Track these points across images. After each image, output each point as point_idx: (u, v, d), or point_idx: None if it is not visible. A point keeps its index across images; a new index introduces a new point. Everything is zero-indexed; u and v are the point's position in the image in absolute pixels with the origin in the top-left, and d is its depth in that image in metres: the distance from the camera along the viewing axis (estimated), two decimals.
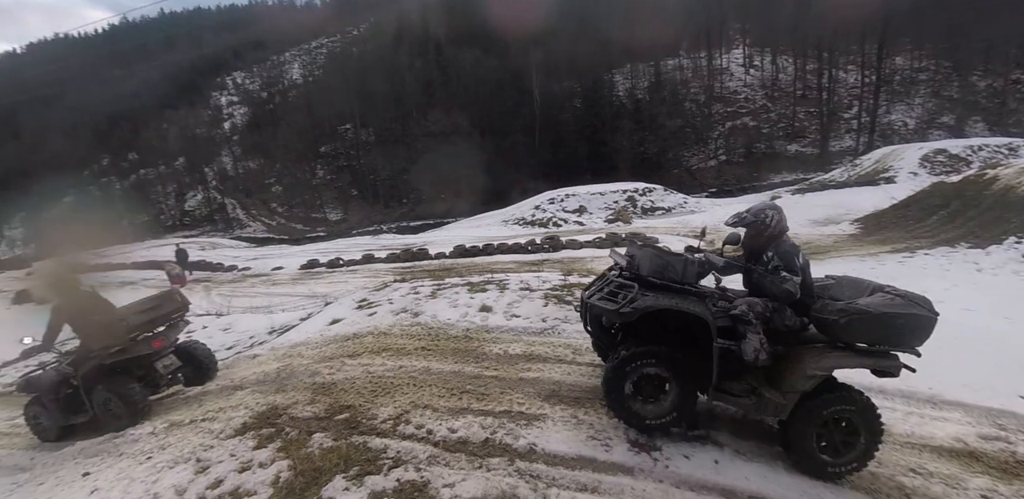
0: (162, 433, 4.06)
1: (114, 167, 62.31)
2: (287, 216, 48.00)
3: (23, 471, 4.52)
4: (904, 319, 2.79)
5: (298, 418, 3.74)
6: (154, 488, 3.21)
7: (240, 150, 58.99)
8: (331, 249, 19.22)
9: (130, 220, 52.65)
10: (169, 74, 76.23)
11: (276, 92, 67.78)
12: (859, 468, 2.99)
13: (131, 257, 25.23)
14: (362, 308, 6.53)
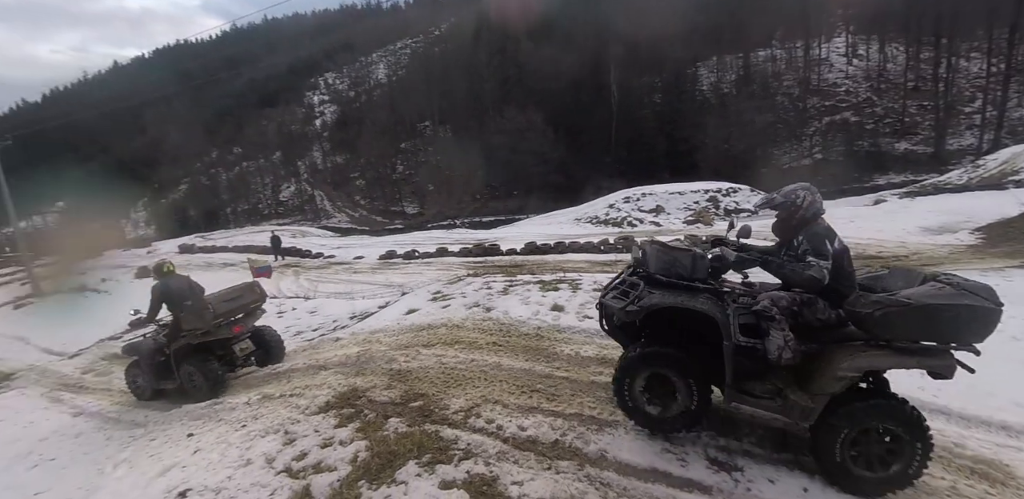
0: (256, 404, 4.43)
1: (221, 160, 68.68)
2: (368, 208, 50.67)
3: (138, 426, 5.13)
4: (953, 311, 2.41)
5: (376, 401, 3.92)
6: (247, 454, 3.50)
7: (329, 146, 63.01)
8: (407, 241, 19.98)
9: (233, 208, 58.05)
10: (270, 75, 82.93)
11: (363, 91, 71.50)
12: (900, 487, 2.67)
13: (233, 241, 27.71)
14: (436, 300, 6.74)
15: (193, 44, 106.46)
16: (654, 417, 3.15)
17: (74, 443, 5.34)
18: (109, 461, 4.21)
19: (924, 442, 2.60)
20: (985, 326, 2.44)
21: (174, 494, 3.20)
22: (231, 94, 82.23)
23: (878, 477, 2.67)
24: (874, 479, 2.68)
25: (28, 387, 7.68)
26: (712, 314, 2.87)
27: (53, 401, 6.74)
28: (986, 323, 2.43)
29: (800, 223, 2.93)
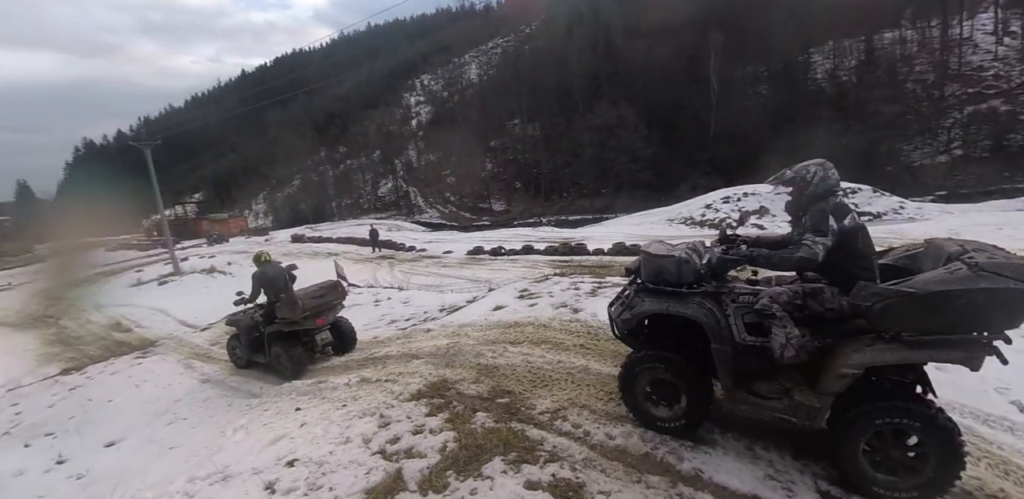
0: (355, 386, 4.74)
1: (328, 158, 74.59)
2: (458, 205, 52.45)
3: (254, 397, 5.69)
4: (967, 297, 2.13)
5: (464, 394, 4.02)
6: (347, 433, 3.74)
7: (423, 144, 66.05)
8: (494, 238, 20.39)
9: (338, 202, 62.88)
10: (372, 79, 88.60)
11: (455, 91, 74.02)
12: (929, 495, 2.41)
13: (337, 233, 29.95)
14: (523, 298, 6.79)
15: (306, 52, 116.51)
16: (658, 417, 3.19)
17: (202, 406, 6.04)
18: (230, 425, 4.70)
19: (950, 447, 2.34)
20: (1015, 310, 2.14)
21: (283, 462, 3.49)
22: (338, 97, 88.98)
23: (903, 484, 2.45)
24: (899, 485, 2.46)
25: (167, 354, 8.82)
26: (696, 317, 2.88)
27: (187, 367, 7.69)
28: (1017, 307, 2.13)
29: (810, 200, 2.77)
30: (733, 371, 2.85)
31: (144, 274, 23.69)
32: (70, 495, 4.31)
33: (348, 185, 64.54)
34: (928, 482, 2.41)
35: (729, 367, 2.84)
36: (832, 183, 2.78)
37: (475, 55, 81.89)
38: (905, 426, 2.42)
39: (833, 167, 2.83)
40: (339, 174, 67.56)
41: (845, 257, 2.65)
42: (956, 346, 2.28)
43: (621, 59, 45.37)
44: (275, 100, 76.55)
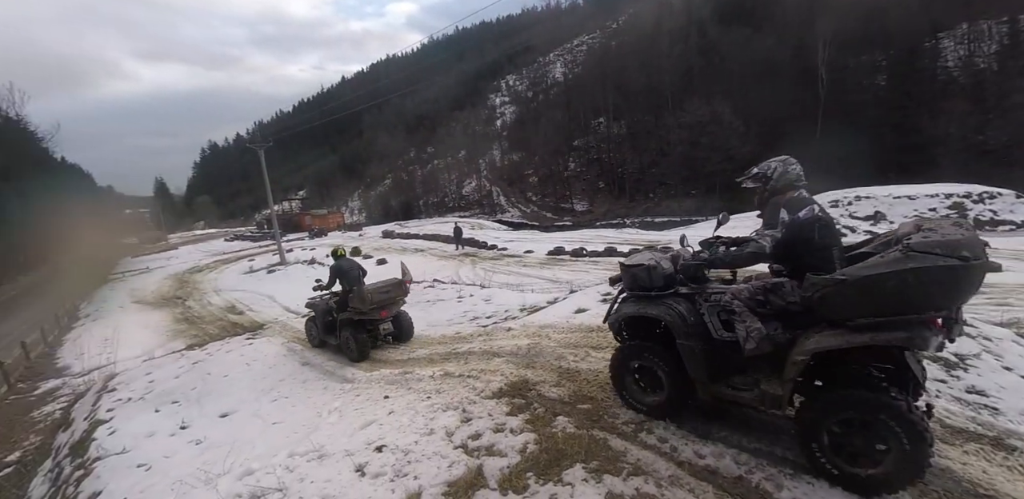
0: (439, 379, 4.90)
1: (417, 158, 78.09)
2: (539, 204, 52.63)
3: (347, 382, 6.05)
4: (898, 278, 2.19)
5: (545, 397, 4.00)
6: (431, 424, 3.87)
7: (507, 144, 67.01)
8: (575, 238, 20.22)
9: (425, 200, 65.64)
10: (459, 81, 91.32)
11: (540, 91, 74.25)
12: (894, 486, 2.46)
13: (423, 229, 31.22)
14: (607, 302, 6.63)
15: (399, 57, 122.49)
16: (647, 403, 3.51)
17: (301, 387, 6.55)
18: (325, 407, 5.05)
19: (914, 442, 2.33)
20: (950, 287, 2.18)
21: (372, 447, 3.68)
22: (427, 100, 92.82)
23: (865, 474, 2.49)
24: (861, 476, 2.50)
25: (273, 336, 9.69)
26: (661, 317, 3.17)
27: (289, 350, 8.39)
28: (950, 284, 2.16)
29: (770, 195, 2.91)
30: (708, 366, 3.04)
31: (255, 263, 26.29)
32: (190, 458, 4.79)
33: (435, 184, 67.12)
34: (888, 474, 2.43)
35: (701, 362, 3.03)
36: (791, 178, 2.91)
37: (560, 54, 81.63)
38: (867, 417, 2.44)
39: (795, 163, 2.97)
40: (426, 173, 70.45)
41: (802, 249, 2.73)
42: (897, 327, 2.30)
43: (716, 52, 42.89)
44: (370, 104, 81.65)
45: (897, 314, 2.28)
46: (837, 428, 2.55)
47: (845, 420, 2.52)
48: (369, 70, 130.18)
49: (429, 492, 2.96)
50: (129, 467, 4.65)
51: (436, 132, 77.50)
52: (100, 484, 4.42)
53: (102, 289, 26.19)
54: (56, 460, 6.21)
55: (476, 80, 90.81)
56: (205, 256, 37.15)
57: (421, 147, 79.67)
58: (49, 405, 10.16)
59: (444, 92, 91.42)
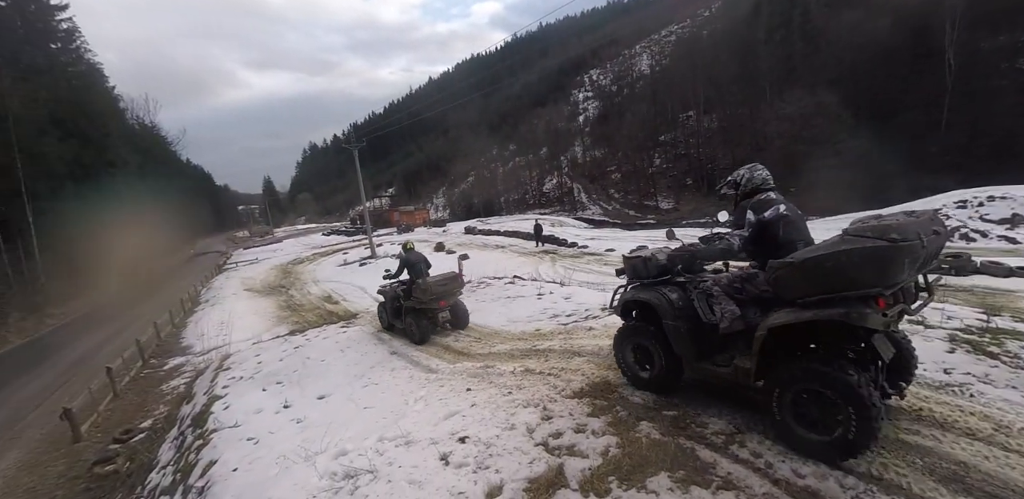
0: (519, 375, 4.94)
1: (499, 156, 79.38)
2: (622, 202, 51.39)
3: (432, 372, 6.29)
4: (834, 259, 2.50)
5: (628, 400, 3.90)
6: (512, 419, 3.91)
7: (589, 140, 66.09)
8: (659, 237, 19.51)
9: (506, 197, 66.63)
10: (542, 77, 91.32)
11: (624, 85, 72.32)
12: (853, 448, 2.69)
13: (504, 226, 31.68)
14: None
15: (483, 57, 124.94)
16: (643, 378, 3.95)
17: (390, 375, 6.91)
18: (411, 395, 5.29)
19: (861, 412, 2.58)
20: (880, 266, 2.42)
21: (456, 438, 3.80)
22: (510, 97, 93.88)
23: (821, 440, 2.77)
24: (817, 442, 2.78)
25: (365, 326, 10.32)
26: (649, 301, 3.62)
27: (379, 340, 8.90)
28: (880, 263, 2.41)
29: (741, 198, 3.26)
30: (693, 345, 3.44)
31: (349, 256, 28.20)
32: (292, 435, 5.20)
33: (515, 181, 67.86)
34: (842, 440, 2.68)
35: (687, 341, 3.44)
36: (757, 182, 3.25)
37: (646, 45, 78.92)
38: (818, 388, 2.71)
39: (762, 168, 3.33)
40: (508, 171, 71.40)
41: (769, 244, 3.06)
42: (836, 304, 2.59)
43: (822, 37, 39.14)
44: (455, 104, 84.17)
45: (837, 292, 2.56)
46: (797, 397, 2.84)
47: (802, 390, 2.80)
48: (454, 70, 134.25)
49: (510, 487, 3.00)
50: (240, 440, 5.16)
51: (518, 129, 78.28)
52: (216, 453, 4.95)
53: (219, 277, 29.41)
54: (180, 429, 7.05)
55: (559, 76, 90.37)
56: (305, 249, 40.45)
57: (503, 145, 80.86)
58: (175, 380, 11.61)
59: (526, 89, 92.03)
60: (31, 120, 25.15)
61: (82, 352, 15.44)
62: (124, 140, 40.00)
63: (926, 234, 2.52)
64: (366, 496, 3.23)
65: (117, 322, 19.80)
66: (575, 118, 74.97)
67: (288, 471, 3.87)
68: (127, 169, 38.03)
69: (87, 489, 7.13)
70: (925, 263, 2.69)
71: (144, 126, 51.43)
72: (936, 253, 2.81)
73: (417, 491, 3.15)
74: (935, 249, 2.73)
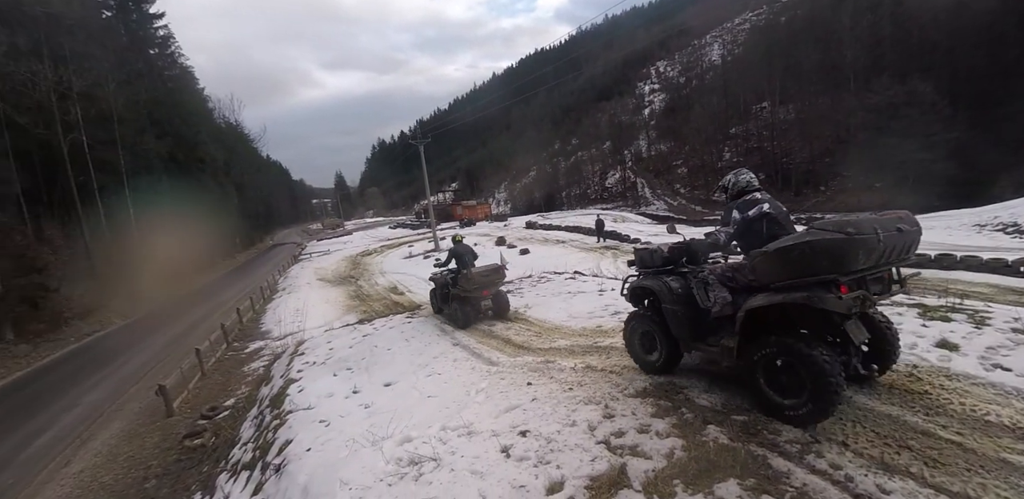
0: (580, 371, 4.92)
1: (561, 150, 78.84)
2: (688, 197, 49.57)
3: (493, 365, 6.38)
4: (797, 250, 2.91)
5: (694, 402, 3.78)
6: (573, 416, 3.91)
7: (655, 134, 64.13)
8: None
9: (567, 192, 66.19)
10: (607, 70, 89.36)
11: (693, 76, 69.42)
12: (815, 414, 3.06)
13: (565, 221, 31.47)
14: None
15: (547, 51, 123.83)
16: (651, 362, 4.36)
17: (452, 365, 7.08)
18: (473, 387, 5.40)
19: (821, 380, 2.97)
20: (835, 256, 2.81)
21: (517, 431, 3.84)
22: (574, 91, 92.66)
23: (788, 404, 3.18)
24: (785, 406, 3.19)
25: (428, 317, 10.64)
26: (650, 287, 4.08)
27: (442, 331, 9.15)
28: (838, 253, 2.80)
29: (729, 199, 3.71)
30: (689, 327, 3.86)
31: (414, 249, 29.14)
32: (360, 419, 5.43)
33: (578, 175, 67.20)
34: (807, 405, 3.05)
35: (684, 323, 3.87)
36: (742, 185, 3.64)
37: (718, 34, 75.14)
38: (787, 359, 3.11)
39: (746, 172, 3.73)
40: (570, 165, 70.80)
41: (754, 240, 3.39)
42: (800, 288, 2.99)
43: (915, 20, 35.56)
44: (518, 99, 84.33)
45: (802, 277, 2.98)
46: (770, 366, 3.25)
47: (775, 361, 3.20)
48: (518, 65, 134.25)
49: (572, 484, 3.01)
50: (313, 422, 5.48)
51: (581, 123, 77.31)
52: (292, 433, 5.29)
53: (295, 267, 31.33)
54: (259, 409, 7.59)
55: (624, 68, 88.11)
56: (373, 241, 42.23)
57: (566, 139, 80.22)
58: (255, 362, 12.52)
59: (590, 82, 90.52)
60: (132, 120, 27.90)
61: (174, 334, 17.03)
62: (212, 138, 43.42)
63: (885, 230, 2.90)
64: (430, 483, 3.34)
65: (204, 307, 21.66)
66: (640, 111, 72.91)
67: (357, 454, 4.04)
68: (215, 165, 41.27)
69: (178, 460, 7.87)
70: (891, 256, 3.06)
71: (229, 124, 55.59)
72: (904, 248, 3.12)
73: (479, 481, 3.23)
74: (900, 244, 3.05)
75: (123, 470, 7.98)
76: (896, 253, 3.06)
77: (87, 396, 11.54)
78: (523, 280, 13.27)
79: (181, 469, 7.53)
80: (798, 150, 41.24)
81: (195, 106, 41.86)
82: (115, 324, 20.11)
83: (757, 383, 3.34)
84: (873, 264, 2.97)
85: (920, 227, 3.22)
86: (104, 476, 7.85)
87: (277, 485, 4.29)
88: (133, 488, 7.29)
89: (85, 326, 18.57)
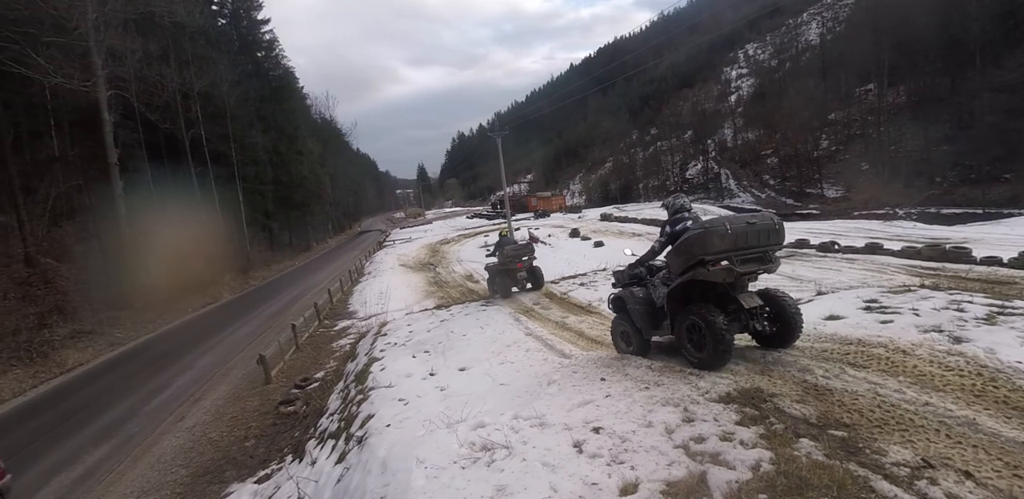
0: (656, 370, 4.73)
1: (639, 140, 76.27)
2: (777, 189, 46.15)
3: (565, 357, 6.35)
4: (682, 243, 4.36)
5: (785, 413, 3.51)
6: (649, 416, 3.75)
7: (742, 122, 60.15)
8: (824, 230, 17.17)
9: (645, 183, 64.09)
10: (690, 56, 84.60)
11: (787, 58, 64.11)
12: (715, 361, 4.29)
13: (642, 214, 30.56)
14: (871, 311, 5.43)
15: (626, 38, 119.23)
16: (628, 351, 5.46)
17: (524, 355, 7.15)
18: (545, 378, 5.38)
19: (713, 340, 4.17)
20: (701, 243, 4.13)
21: (590, 427, 3.77)
22: (654, 79, 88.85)
23: (697, 356, 4.42)
24: (696, 357, 4.43)
25: (503, 306, 10.81)
26: (621, 296, 5.43)
27: (515, 320, 9.27)
28: (700, 242, 4.14)
29: (668, 217, 4.92)
30: (648, 321, 5.01)
31: (489, 239, 29.61)
32: (436, 401, 5.64)
33: (656, 166, 64.81)
34: (707, 357, 4.31)
35: (644, 318, 5.02)
36: (676, 207, 4.91)
37: (816, 12, 68.58)
38: (695, 323, 4.34)
39: (683, 197, 5.09)
40: (648, 156, 68.42)
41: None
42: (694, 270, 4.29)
43: None
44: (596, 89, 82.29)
45: (689, 262, 4.25)
46: (687, 329, 4.44)
47: (690, 325, 4.39)
48: (596, 55, 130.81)
49: (647, 487, 2.90)
50: (393, 399, 5.75)
51: (660, 113, 74.13)
52: (373, 409, 5.59)
53: (379, 252, 33.03)
54: (345, 383, 8.10)
55: (709, 53, 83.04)
56: (451, 230, 43.51)
57: (644, 129, 77.47)
58: (342, 339, 13.39)
59: (672, 69, 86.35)
60: (242, 117, 30.75)
61: (274, 309, 18.66)
62: (309, 132, 46.79)
63: (734, 224, 4.08)
64: (501, 470, 3.37)
65: (301, 285, 23.54)
66: (726, 98, 68.61)
67: (432, 434, 4.16)
68: (311, 157, 44.49)
69: (273, 424, 8.64)
70: (748, 241, 4.12)
71: (324, 120, 59.62)
72: (761, 236, 4.17)
73: (550, 474, 3.21)
74: (754, 233, 4.12)
75: (227, 428, 8.91)
76: (753, 239, 4.14)
77: (200, 360, 13.01)
78: (597, 273, 13.07)
79: (276, 432, 8.27)
80: (910, 137, 36.83)
81: (295, 103, 45.22)
82: (225, 298, 22.42)
83: (684, 344, 4.51)
84: (731, 247, 4.06)
85: (775, 222, 4.27)
86: (211, 432, 8.82)
87: (359, 456, 4.55)
88: (235, 446, 8.13)
89: (200, 298, 20.86)
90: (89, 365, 13.31)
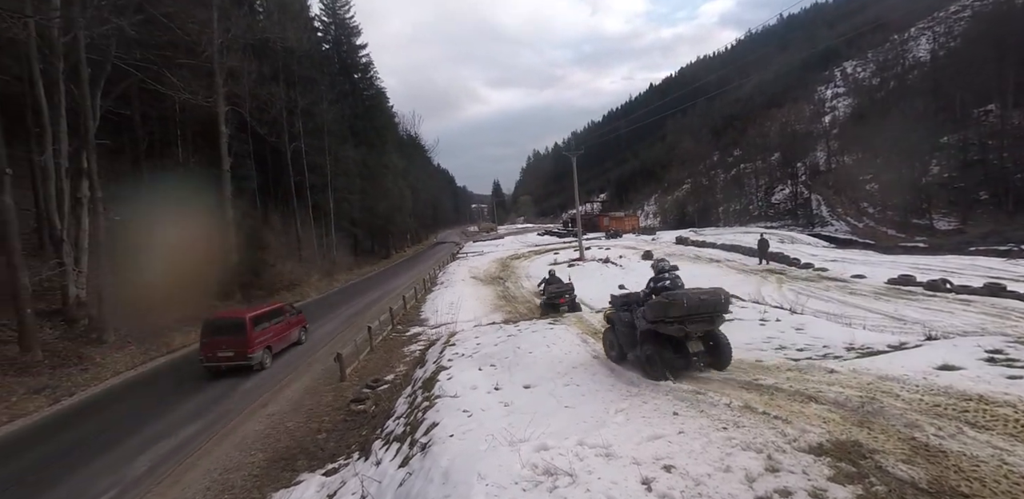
0: (736, 410, 4.42)
1: (721, 162, 73.30)
2: (878, 218, 42.26)
3: (633, 386, 6.06)
4: (654, 305, 5.77)
5: (889, 473, 3.12)
6: (727, 461, 3.47)
7: (837, 144, 56.11)
8: (933, 266, 15.41)
9: (725, 207, 61.31)
10: (779, 75, 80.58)
11: (891, 76, 59.19)
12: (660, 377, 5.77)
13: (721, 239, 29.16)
14: (995, 363, 4.75)
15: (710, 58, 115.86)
16: (612, 356, 7.13)
17: (591, 379, 6.90)
18: (613, 405, 5.17)
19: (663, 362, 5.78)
20: (664, 309, 5.62)
21: (660, 464, 3.55)
22: (739, 99, 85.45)
23: (651, 372, 5.90)
24: (650, 372, 5.91)
25: (570, 326, 10.60)
26: (611, 317, 7.00)
27: (583, 341, 9.04)
28: (663, 308, 5.62)
29: (654, 274, 6.36)
30: (630, 340, 6.55)
31: (559, 257, 29.58)
32: (499, 416, 5.55)
33: (738, 190, 61.84)
34: (654, 375, 5.81)
35: (627, 338, 6.58)
36: (658, 269, 6.34)
37: (926, 26, 63.00)
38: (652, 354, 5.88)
39: (665, 261, 6.64)
40: (729, 178, 65.52)
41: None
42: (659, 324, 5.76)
43: None
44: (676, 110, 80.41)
45: (657, 318, 5.72)
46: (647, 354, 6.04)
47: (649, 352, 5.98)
48: (678, 75, 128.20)
49: None
50: (457, 410, 5.77)
51: (746, 133, 70.91)
52: (438, 417, 5.63)
53: (452, 264, 33.93)
54: (413, 389, 8.27)
55: (802, 71, 78.67)
56: (522, 246, 43.89)
57: (726, 150, 74.46)
58: (413, 345, 13.78)
59: (760, 89, 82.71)
60: (338, 132, 33.42)
61: (352, 311, 19.68)
62: (395, 148, 49.70)
63: (689, 298, 5.53)
64: (564, 498, 3.27)
65: (378, 290, 24.72)
66: (819, 119, 64.39)
67: (495, 450, 4.09)
68: (396, 171, 47.22)
69: (344, 420, 9.00)
70: (700, 309, 5.57)
71: (410, 136, 63.14)
72: (708, 306, 5.61)
73: None
74: (702, 304, 5.56)
75: (303, 420, 9.40)
76: (704, 308, 5.56)
77: (286, 352, 13.92)
78: None
79: (346, 428, 8.60)
80: None
81: (385, 120, 48.53)
82: (311, 297, 24.04)
83: (643, 362, 6.08)
84: (686, 314, 5.48)
85: (723, 296, 5.70)
86: (288, 422, 9.34)
87: (422, 463, 4.58)
88: (308, 437, 8.54)
89: (290, 296, 22.51)
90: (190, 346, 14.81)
